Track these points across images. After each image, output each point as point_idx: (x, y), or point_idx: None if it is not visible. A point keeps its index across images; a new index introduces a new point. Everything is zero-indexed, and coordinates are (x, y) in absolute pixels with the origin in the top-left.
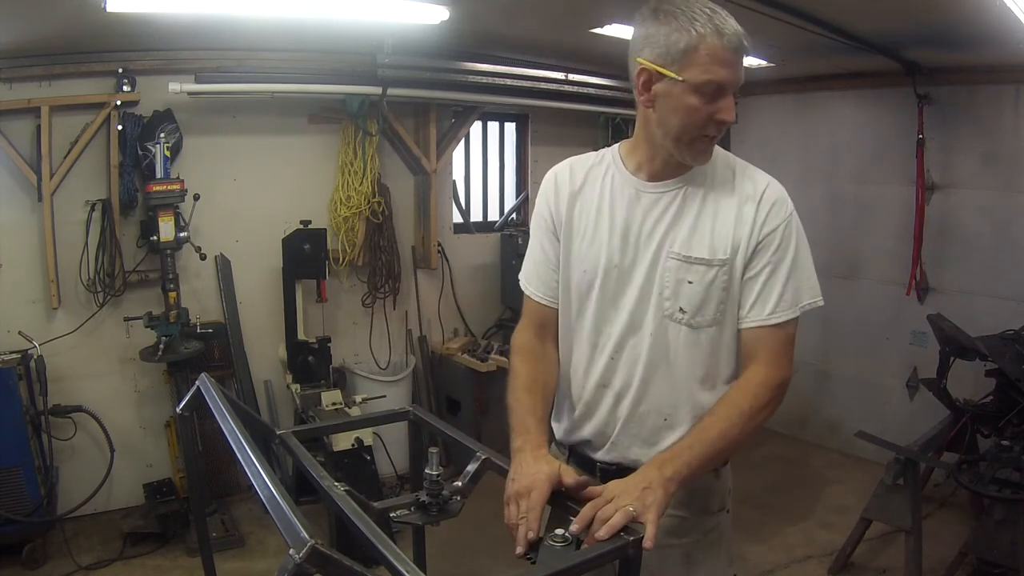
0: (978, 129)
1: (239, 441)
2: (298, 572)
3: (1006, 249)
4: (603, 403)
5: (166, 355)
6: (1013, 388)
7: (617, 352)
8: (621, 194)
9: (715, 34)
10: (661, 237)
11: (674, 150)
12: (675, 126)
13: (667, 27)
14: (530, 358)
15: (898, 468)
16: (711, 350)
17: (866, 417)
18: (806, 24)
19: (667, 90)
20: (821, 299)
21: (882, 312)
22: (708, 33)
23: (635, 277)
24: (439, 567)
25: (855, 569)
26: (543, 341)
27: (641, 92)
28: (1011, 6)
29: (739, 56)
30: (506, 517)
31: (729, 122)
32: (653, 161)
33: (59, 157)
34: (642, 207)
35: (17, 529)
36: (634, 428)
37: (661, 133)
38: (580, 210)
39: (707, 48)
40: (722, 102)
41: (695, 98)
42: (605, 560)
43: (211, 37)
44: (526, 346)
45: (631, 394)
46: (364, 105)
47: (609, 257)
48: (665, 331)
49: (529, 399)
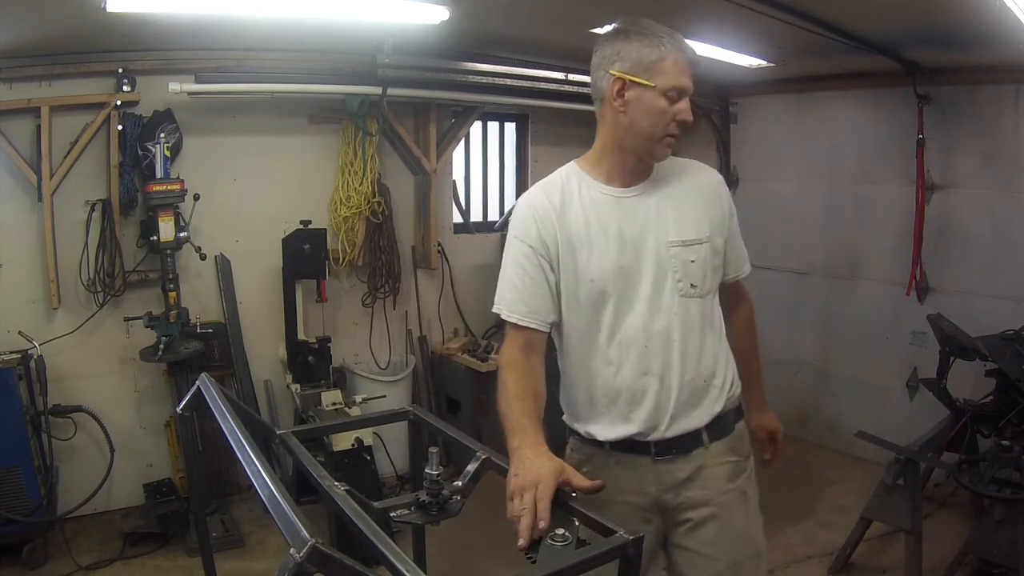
0: (978, 129)
1: (239, 441)
2: (299, 571)
3: (1006, 249)
4: (650, 389)
5: (166, 355)
6: (1013, 388)
7: (648, 340)
8: (603, 204)
9: (677, 50)
10: (653, 232)
11: (644, 149)
12: (647, 126)
13: (637, 44)
14: (518, 370)
15: (898, 468)
16: (712, 308)
17: (866, 417)
18: (806, 24)
19: (639, 96)
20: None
21: (882, 312)
22: (672, 49)
23: (644, 271)
24: (439, 567)
25: (855, 569)
26: (528, 356)
27: (615, 98)
28: (1011, 6)
29: (691, 68)
30: (508, 511)
31: (688, 121)
32: (624, 168)
33: (59, 157)
34: (626, 211)
35: (17, 529)
36: (684, 398)
37: (633, 135)
38: (570, 228)
39: (672, 60)
40: (682, 104)
41: (663, 101)
42: (605, 560)
43: (211, 37)
44: (513, 360)
45: (675, 371)
46: (364, 105)
47: (613, 261)
48: (685, 307)
49: (521, 404)
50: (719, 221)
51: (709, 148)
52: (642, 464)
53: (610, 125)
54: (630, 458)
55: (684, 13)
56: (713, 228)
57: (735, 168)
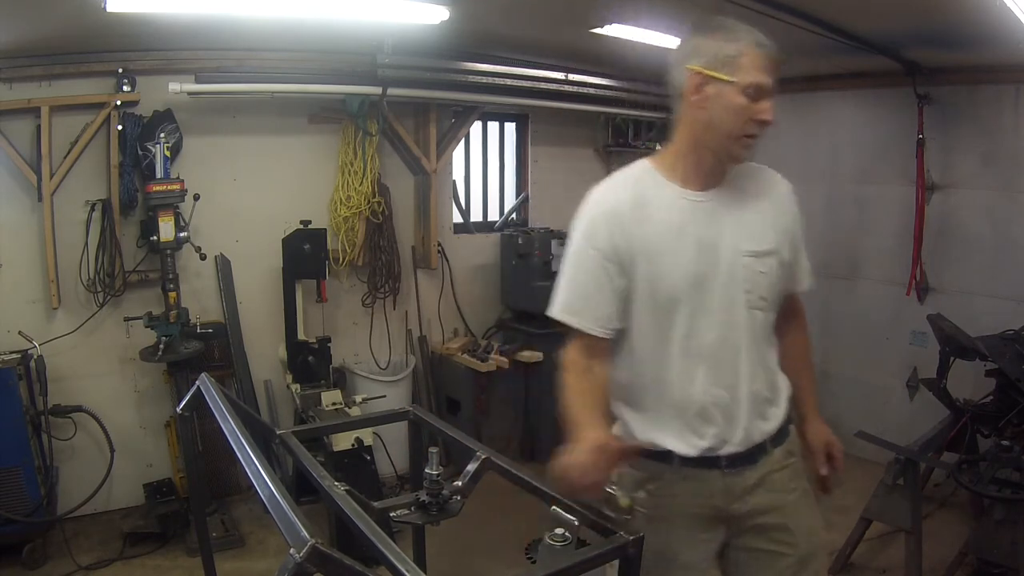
0: (978, 129)
1: (239, 441)
2: (299, 571)
3: (1006, 249)
4: (720, 403)
5: (166, 355)
6: (1013, 388)
7: (720, 352)
8: (679, 208)
9: (756, 45)
10: (729, 240)
11: (723, 148)
12: (727, 123)
13: (714, 39)
14: (577, 371)
15: (898, 468)
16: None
17: (866, 417)
18: (806, 24)
19: (718, 91)
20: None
21: (882, 312)
22: (750, 43)
23: (718, 281)
24: (439, 567)
25: (855, 569)
26: (590, 359)
27: (694, 93)
28: (1011, 6)
29: (775, 65)
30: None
31: (769, 122)
32: (700, 169)
33: (59, 157)
34: (702, 216)
35: (17, 529)
36: (753, 411)
37: (712, 133)
38: (645, 232)
39: (751, 56)
40: (763, 103)
41: (743, 98)
42: (605, 560)
43: (211, 37)
44: (574, 362)
45: (744, 384)
46: (364, 105)
47: (689, 269)
48: (754, 321)
49: (580, 400)
50: (789, 233)
51: None
52: (711, 477)
53: (688, 123)
54: (699, 472)
55: (684, 13)
56: (782, 240)
57: None
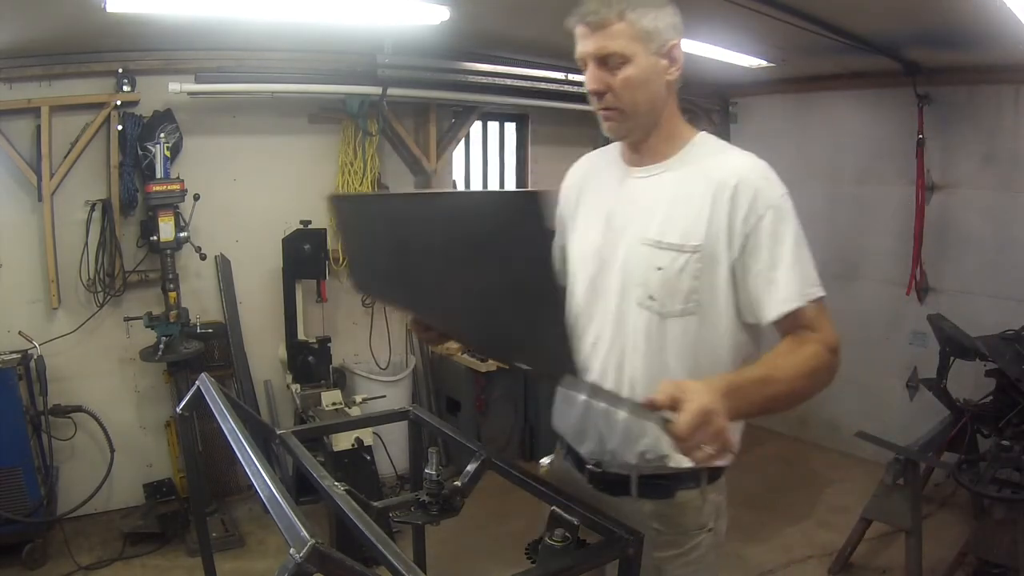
0: (978, 129)
1: (239, 441)
2: (299, 571)
3: (1006, 249)
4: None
5: (166, 355)
6: (1013, 388)
7: (598, 341)
8: (610, 181)
9: (577, 15)
10: (639, 223)
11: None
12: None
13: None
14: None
15: (898, 468)
16: (685, 343)
17: (866, 417)
18: (806, 24)
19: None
20: (822, 291)
21: (882, 312)
22: (576, 15)
23: (615, 265)
24: (439, 567)
25: (855, 569)
26: None
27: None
28: (1011, 6)
29: (592, 28)
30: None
31: (594, 91)
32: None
33: (59, 157)
34: (625, 193)
35: (17, 529)
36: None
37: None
38: (581, 201)
39: (577, 29)
40: (587, 73)
41: (585, 71)
42: (605, 560)
43: (211, 37)
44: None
45: (609, 383)
46: (364, 105)
47: (592, 247)
48: (638, 319)
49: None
50: (722, 232)
51: None
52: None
53: None
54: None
55: (684, 13)
56: (712, 238)
57: None
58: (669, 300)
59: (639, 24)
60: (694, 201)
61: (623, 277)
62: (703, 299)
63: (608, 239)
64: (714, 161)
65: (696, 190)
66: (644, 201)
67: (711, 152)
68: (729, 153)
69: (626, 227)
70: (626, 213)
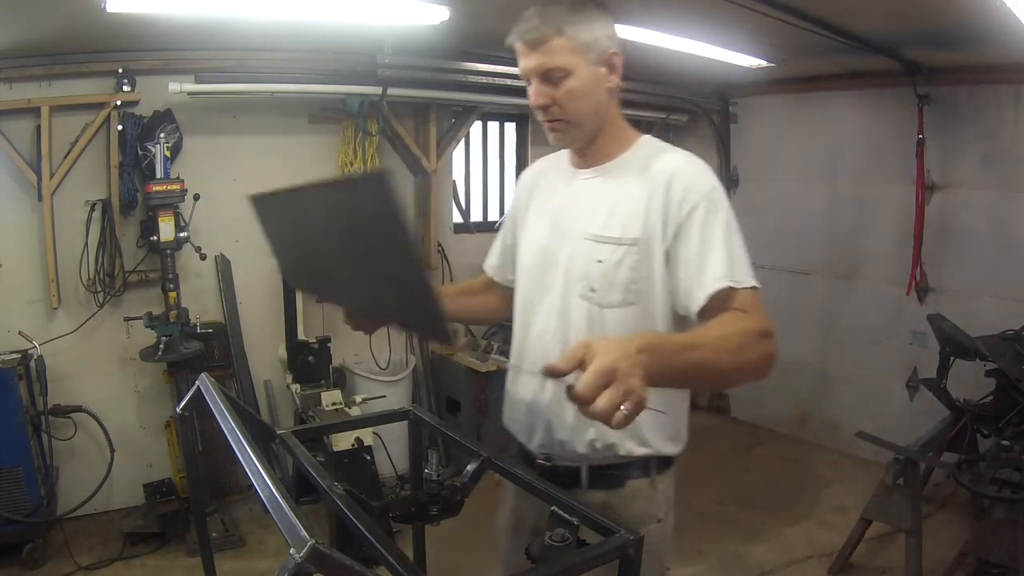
0: (978, 129)
1: (239, 441)
2: (299, 572)
3: (1006, 249)
4: (529, 385)
5: (166, 355)
6: (1013, 388)
7: (543, 332)
8: (558, 183)
9: (516, 32)
10: (583, 221)
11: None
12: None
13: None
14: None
15: (898, 468)
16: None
17: (866, 417)
18: (806, 24)
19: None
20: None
21: (882, 312)
22: (515, 33)
23: (560, 259)
24: (439, 567)
25: (855, 569)
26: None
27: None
28: (1011, 6)
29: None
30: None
31: (538, 106)
32: (574, 150)
33: (59, 157)
34: (571, 192)
35: (17, 529)
36: (556, 410)
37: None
38: (532, 202)
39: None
40: (531, 88)
41: (528, 87)
42: (605, 559)
43: (211, 37)
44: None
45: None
46: (364, 105)
47: (539, 244)
48: (580, 311)
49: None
50: (657, 223)
51: (709, 148)
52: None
53: None
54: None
55: (685, 13)
56: (649, 231)
57: (735, 168)
58: (609, 292)
59: (578, 37)
60: (634, 197)
61: (567, 271)
62: (641, 290)
63: (554, 237)
64: (654, 160)
65: (636, 187)
66: (588, 199)
67: (653, 152)
68: (669, 152)
69: (572, 225)
70: (572, 211)
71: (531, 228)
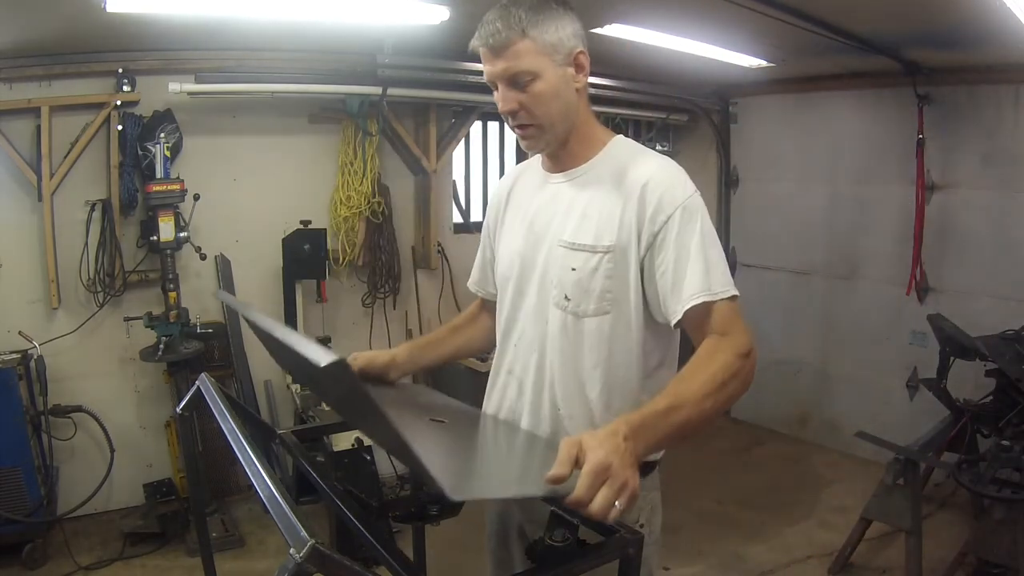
0: (978, 129)
1: (239, 441)
2: (299, 572)
3: (1006, 249)
4: (508, 390)
5: (166, 355)
6: (1013, 388)
7: (520, 339)
8: (532, 188)
9: (481, 38)
10: (556, 226)
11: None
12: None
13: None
14: (463, 315)
15: (898, 468)
16: (599, 341)
17: (866, 417)
18: (806, 24)
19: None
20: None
21: (882, 312)
22: (478, 38)
23: (536, 266)
24: (439, 567)
25: (855, 569)
26: (479, 309)
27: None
28: (1011, 6)
29: (494, 51)
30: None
31: (506, 111)
32: (546, 153)
33: (59, 157)
34: (544, 197)
35: (17, 529)
36: (534, 417)
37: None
38: (507, 209)
39: (481, 52)
40: (497, 94)
41: (495, 93)
42: (605, 559)
43: (211, 37)
44: (469, 310)
45: (529, 381)
46: (364, 105)
47: (516, 252)
48: (555, 319)
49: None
50: (632, 231)
51: (709, 148)
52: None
53: None
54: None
55: (685, 13)
56: (623, 238)
57: (735, 168)
58: (584, 300)
59: (543, 39)
60: (607, 203)
61: (542, 278)
62: (617, 298)
63: (530, 242)
64: (628, 164)
65: (609, 192)
66: (561, 204)
67: (626, 155)
68: (643, 156)
69: (546, 230)
70: (545, 217)
71: (507, 236)
